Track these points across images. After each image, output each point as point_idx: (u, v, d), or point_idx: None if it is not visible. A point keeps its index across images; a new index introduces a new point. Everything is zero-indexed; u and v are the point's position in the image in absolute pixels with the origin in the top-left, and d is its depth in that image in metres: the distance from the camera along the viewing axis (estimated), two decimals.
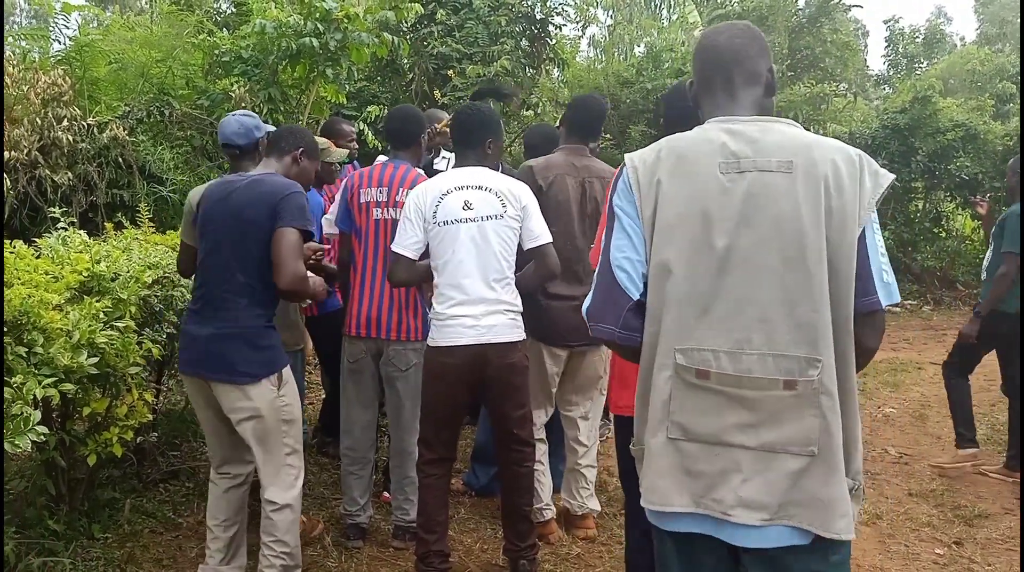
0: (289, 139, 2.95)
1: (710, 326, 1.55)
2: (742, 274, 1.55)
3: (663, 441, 1.59)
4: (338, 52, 5.37)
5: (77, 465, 3.24)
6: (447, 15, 8.52)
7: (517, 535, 3.06)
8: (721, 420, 1.55)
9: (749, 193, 1.55)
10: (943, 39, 24.36)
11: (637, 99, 10.80)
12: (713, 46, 1.73)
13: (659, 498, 1.59)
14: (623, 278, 1.65)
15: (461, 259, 2.86)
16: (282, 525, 2.76)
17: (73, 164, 5.32)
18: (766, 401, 1.52)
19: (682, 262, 1.58)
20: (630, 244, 1.66)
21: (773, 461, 1.52)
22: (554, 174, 3.32)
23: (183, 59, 6.23)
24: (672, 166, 1.63)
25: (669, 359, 1.59)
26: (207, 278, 2.75)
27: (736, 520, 1.53)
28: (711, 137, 1.63)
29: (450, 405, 2.97)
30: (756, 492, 1.52)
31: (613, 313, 1.65)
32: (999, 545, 3.47)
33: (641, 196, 1.65)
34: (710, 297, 1.56)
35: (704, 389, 1.56)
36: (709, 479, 1.55)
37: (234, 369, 2.68)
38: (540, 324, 3.33)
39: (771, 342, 1.52)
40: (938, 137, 10.34)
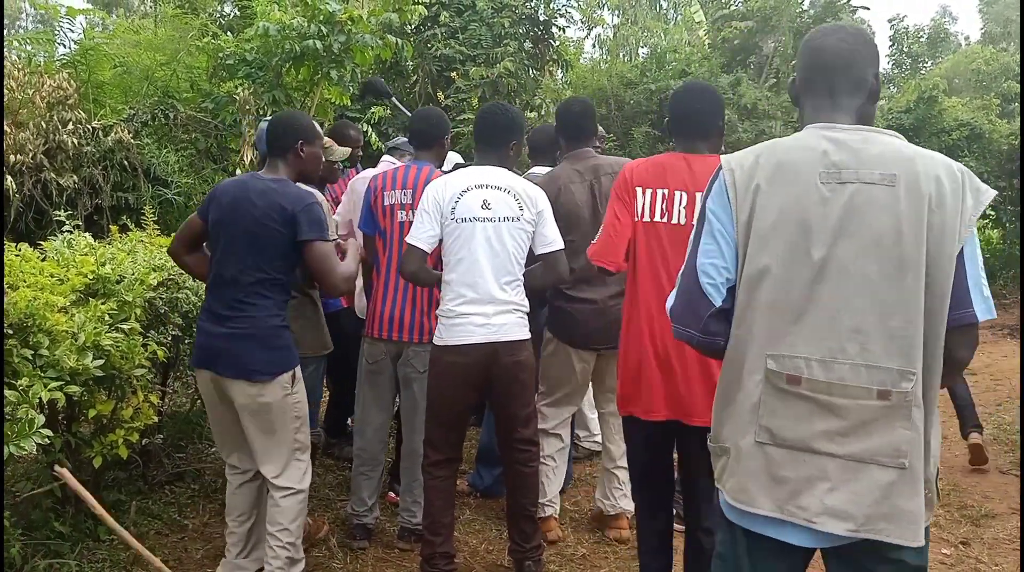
0: (286, 135, 2.88)
1: (803, 334, 1.57)
2: (838, 284, 1.56)
3: (751, 444, 1.62)
4: (342, 54, 5.37)
5: (83, 467, 3.25)
6: (451, 17, 8.53)
7: (522, 536, 3.05)
8: (810, 427, 1.56)
9: (850, 205, 1.56)
10: (947, 38, 24.29)
11: (641, 100, 10.80)
12: (820, 48, 1.72)
13: (747, 499, 1.61)
14: (707, 284, 1.67)
15: (476, 258, 2.86)
16: (289, 512, 2.79)
17: (78, 167, 5.34)
18: (857, 410, 1.53)
19: (777, 269, 1.59)
20: (718, 250, 1.67)
21: (861, 472, 1.53)
22: (558, 185, 3.31)
23: (187, 62, 6.25)
24: (771, 172, 1.63)
25: (760, 364, 1.60)
26: (222, 280, 2.76)
27: (821, 528, 1.54)
28: (812, 144, 1.63)
29: (458, 405, 2.96)
30: (843, 502, 1.53)
31: (694, 318, 1.69)
32: (1006, 545, 3.45)
33: (737, 201, 1.65)
34: (804, 305, 1.57)
35: (794, 395, 1.57)
36: (794, 485, 1.56)
37: (248, 367, 2.71)
38: (563, 326, 3.35)
39: (865, 353, 1.53)
40: (943, 137, 10.30)
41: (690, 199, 2.52)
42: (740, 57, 13.78)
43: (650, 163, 2.64)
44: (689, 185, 2.54)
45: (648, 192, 2.57)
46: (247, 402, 2.74)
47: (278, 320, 2.78)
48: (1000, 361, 6.91)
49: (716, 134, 2.62)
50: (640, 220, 2.59)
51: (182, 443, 4.35)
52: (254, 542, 2.97)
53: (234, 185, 2.84)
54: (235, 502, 2.97)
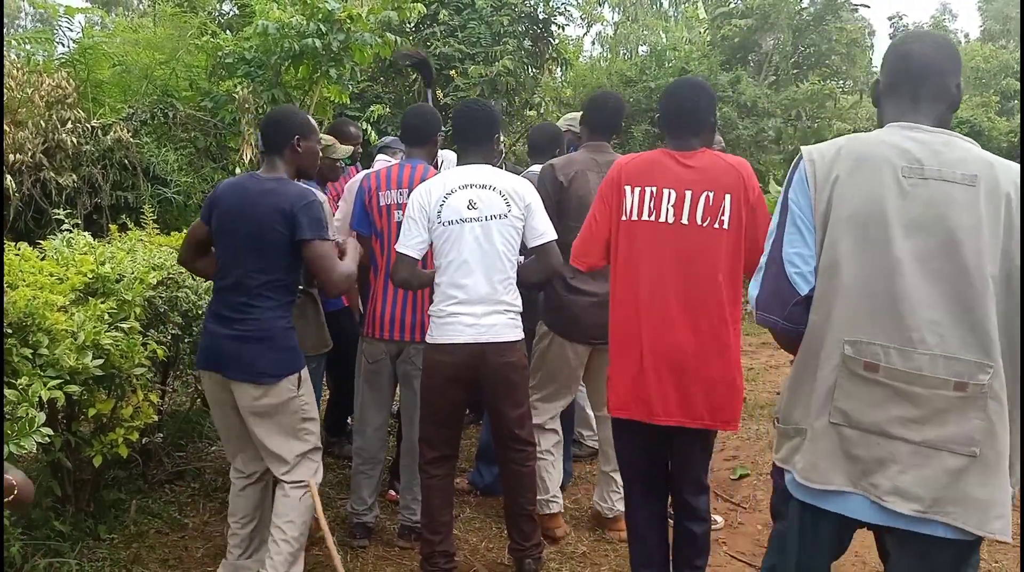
0: (281, 131, 2.82)
1: (881, 322, 1.62)
2: (917, 276, 1.61)
3: (825, 424, 1.69)
4: (341, 53, 5.37)
5: (83, 466, 3.25)
6: (450, 15, 8.53)
7: (521, 534, 3.05)
8: (885, 412, 1.63)
9: (931, 200, 1.62)
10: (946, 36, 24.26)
11: (640, 98, 10.81)
12: (907, 54, 1.77)
13: (819, 476, 1.68)
14: (793, 273, 1.73)
15: (465, 259, 2.84)
16: (297, 505, 2.79)
17: (77, 166, 5.34)
18: (933, 399, 1.59)
19: (856, 258, 1.65)
20: (802, 239, 1.73)
21: (932, 457, 1.60)
22: (575, 170, 3.30)
23: (186, 61, 6.24)
24: (852, 164, 1.69)
25: (837, 349, 1.67)
26: (227, 283, 2.76)
27: (890, 507, 1.61)
28: (896, 141, 1.68)
29: (448, 402, 2.96)
30: (912, 484, 1.60)
31: (780, 305, 1.75)
32: (1007, 543, 3.45)
33: (816, 190, 1.71)
34: (883, 295, 1.63)
35: (871, 381, 1.64)
36: (866, 464, 1.64)
37: (255, 370, 2.70)
38: (562, 319, 3.33)
39: (943, 344, 1.59)
40: None
41: (679, 197, 2.48)
42: (740, 55, 13.78)
43: (640, 160, 2.60)
44: (678, 183, 2.49)
45: (636, 190, 2.53)
46: (252, 404, 2.73)
47: (284, 321, 2.77)
48: None
49: (708, 130, 2.60)
50: (628, 219, 2.54)
51: (182, 442, 4.35)
52: (257, 544, 2.96)
53: (233, 187, 2.82)
54: (238, 504, 2.96)
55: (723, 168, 2.51)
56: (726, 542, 3.51)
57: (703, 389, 2.48)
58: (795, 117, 12.02)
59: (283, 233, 2.67)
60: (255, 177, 2.83)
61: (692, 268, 2.47)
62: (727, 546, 3.47)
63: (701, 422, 2.51)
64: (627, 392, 2.55)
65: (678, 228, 2.48)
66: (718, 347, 2.49)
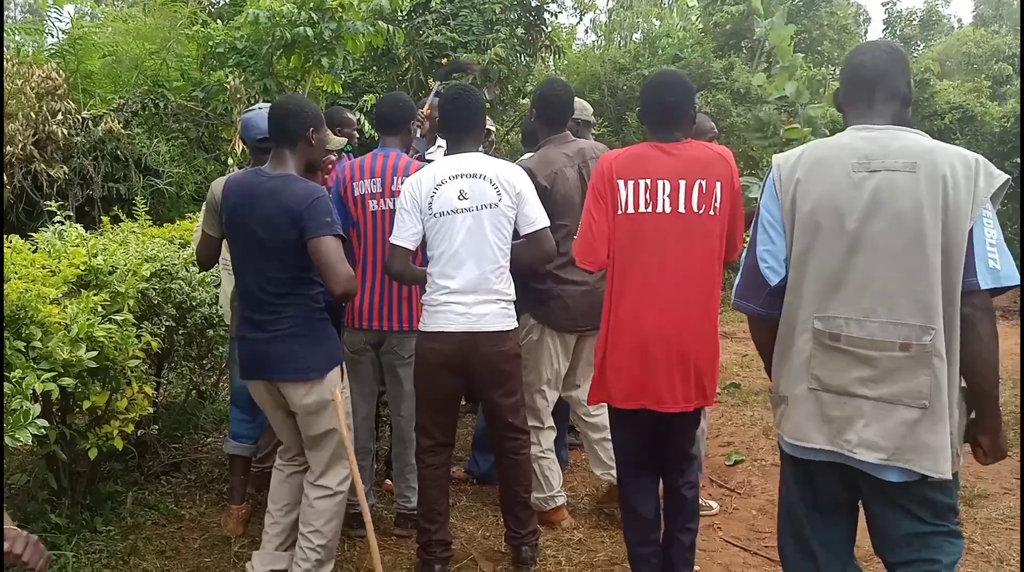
0: (295, 122, 2.70)
1: (842, 299, 1.91)
2: (869, 257, 1.88)
3: (805, 390, 1.99)
4: (333, 41, 5.34)
5: (78, 459, 3.25)
6: (442, 3, 8.48)
7: (517, 522, 3.07)
8: (848, 375, 1.92)
9: (878, 188, 1.87)
10: (939, 21, 24.26)
11: (634, 85, 10.78)
12: (859, 65, 2.03)
13: (802, 436, 2.00)
14: (765, 269, 2.04)
15: (457, 249, 2.84)
16: (324, 514, 2.79)
17: (68, 158, 5.32)
18: (885, 360, 1.87)
19: (818, 247, 1.94)
20: (769, 239, 2.04)
21: (890, 411, 1.87)
22: (554, 170, 3.29)
23: (177, 51, 6.21)
24: (810, 166, 1.98)
25: (808, 325, 1.97)
26: (250, 286, 2.71)
27: (859, 457, 1.90)
28: (847, 141, 1.96)
29: (441, 390, 2.96)
30: (875, 435, 1.88)
31: (756, 295, 2.07)
32: (999, 525, 3.48)
33: (782, 192, 2.01)
34: (842, 275, 1.91)
35: (836, 349, 1.93)
36: (840, 423, 1.93)
37: (299, 366, 2.67)
38: (550, 309, 3.33)
39: (892, 312, 1.86)
40: (935, 120, 10.32)
41: (673, 187, 2.51)
42: (732, 41, 13.74)
43: (628, 155, 2.62)
44: (671, 173, 2.53)
45: (630, 183, 2.55)
46: (304, 402, 2.70)
47: (318, 314, 2.73)
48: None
49: (687, 122, 2.65)
50: (624, 213, 2.56)
51: (178, 433, 4.35)
52: (294, 537, 2.90)
53: (239, 186, 2.73)
54: (282, 491, 2.93)
55: (712, 157, 2.57)
56: (721, 527, 3.53)
57: (701, 373, 2.56)
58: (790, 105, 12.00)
59: (292, 234, 2.59)
60: (260, 173, 2.72)
61: (692, 255, 2.53)
62: (722, 531, 3.49)
63: (699, 403, 2.60)
64: (635, 383, 2.56)
65: (676, 217, 2.52)
66: (712, 330, 2.59)
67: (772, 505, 3.74)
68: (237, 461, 3.46)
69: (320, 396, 2.70)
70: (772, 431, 4.82)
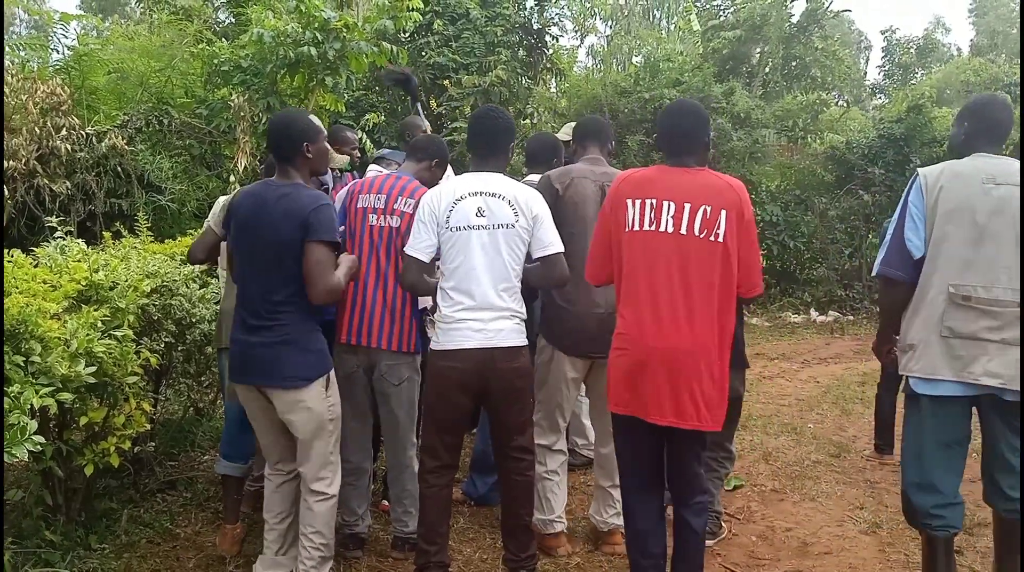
0: (289, 139, 2.82)
1: (973, 271, 2.65)
2: (994, 243, 2.64)
3: (938, 337, 2.68)
4: (337, 61, 5.38)
5: (74, 475, 3.22)
6: (444, 25, 8.56)
7: (517, 545, 3.04)
8: (977, 325, 2.65)
9: (1002, 197, 2.65)
10: (936, 49, 24.49)
11: (635, 108, 10.85)
12: (990, 111, 2.87)
13: (933, 371, 2.68)
14: (911, 246, 2.74)
15: (472, 266, 2.86)
16: (322, 516, 2.92)
17: (71, 173, 5.32)
18: (1006, 314, 2.63)
19: (956, 232, 2.67)
20: (915, 224, 2.74)
21: (1008, 350, 2.62)
22: (571, 178, 3.36)
23: (182, 68, 6.24)
24: (950, 178, 2.72)
25: (943, 289, 2.68)
26: (250, 291, 2.81)
27: (983, 382, 2.63)
28: (977, 164, 2.74)
29: (454, 410, 2.95)
30: (997, 367, 2.62)
31: (903, 264, 2.76)
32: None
33: (927, 194, 2.73)
34: (973, 255, 2.65)
35: (967, 307, 2.66)
36: (966, 361, 2.65)
37: (287, 374, 2.77)
38: (558, 332, 3.35)
39: (1011, 281, 2.62)
40: (934, 147, 10.38)
41: (678, 208, 2.59)
42: (730, 66, 13.87)
43: (640, 175, 2.74)
44: (678, 195, 2.61)
45: (637, 203, 2.66)
46: (289, 409, 2.80)
47: (311, 324, 2.83)
48: None
49: (702, 149, 2.77)
50: (630, 230, 2.66)
51: (174, 451, 4.33)
52: (291, 539, 3.04)
53: (250, 196, 2.85)
54: (275, 500, 3.03)
55: (721, 186, 2.65)
56: (720, 553, 3.50)
57: (695, 392, 2.57)
58: (790, 128, 12.09)
59: (298, 237, 2.71)
60: (270, 184, 2.87)
61: (689, 276, 2.59)
62: (721, 557, 3.46)
63: (691, 423, 2.60)
64: (625, 390, 2.66)
65: (676, 237, 2.60)
66: (710, 352, 2.60)
67: (772, 532, 3.72)
68: (230, 481, 3.43)
69: (307, 404, 2.80)
70: (772, 456, 4.81)
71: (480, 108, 3.26)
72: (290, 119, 2.93)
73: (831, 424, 5.50)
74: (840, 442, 5.02)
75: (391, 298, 3.21)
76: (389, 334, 3.21)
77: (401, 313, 3.22)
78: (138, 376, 3.03)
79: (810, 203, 11.26)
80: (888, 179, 10.29)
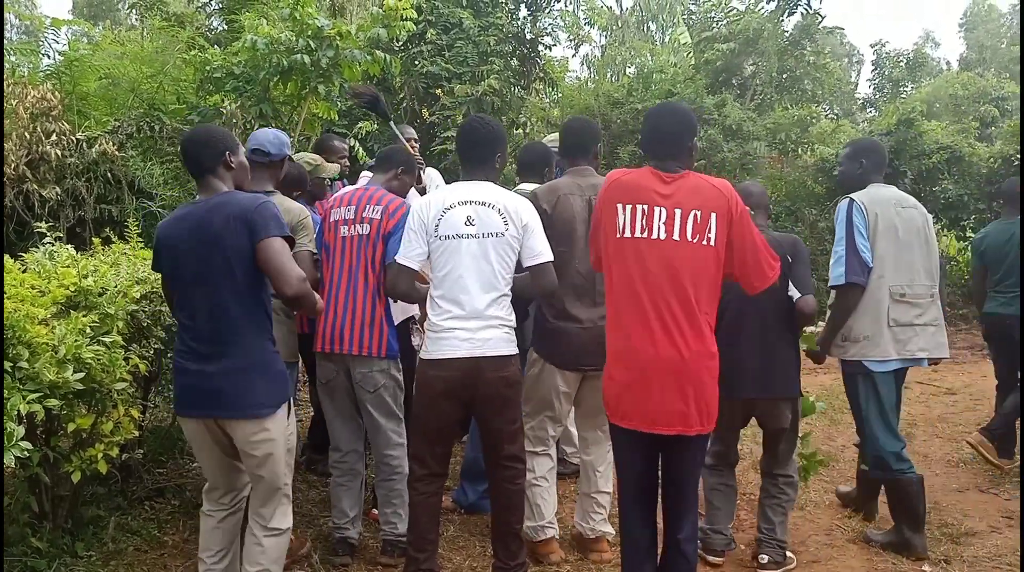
0: (210, 150, 2.69)
1: (902, 274, 3.52)
2: (910, 251, 3.53)
3: (886, 328, 3.48)
4: (330, 69, 5.38)
5: (61, 482, 3.20)
6: (437, 34, 8.57)
7: (507, 553, 3.04)
8: (910, 315, 3.51)
9: (910, 217, 3.58)
10: (926, 63, 24.69)
11: (627, 119, 10.88)
12: (880, 149, 3.84)
13: (885, 355, 3.49)
14: (866, 257, 3.47)
15: (460, 274, 2.86)
16: (273, 551, 2.72)
17: (61, 179, 5.29)
18: (923, 303, 3.55)
19: (889, 246, 3.50)
20: (864, 238, 3.48)
21: (927, 329, 3.55)
22: (558, 195, 3.34)
23: (174, 75, 6.22)
24: (876, 203, 3.54)
25: (886, 290, 3.49)
26: (199, 313, 2.60)
27: (918, 357, 3.54)
28: (884, 193, 3.63)
29: (442, 419, 2.95)
30: (924, 344, 3.54)
31: (863, 273, 3.47)
32: (986, 563, 3.47)
33: (868, 216, 3.51)
34: (901, 262, 3.51)
35: (903, 302, 3.51)
36: (904, 342, 3.51)
37: (252, 402, 2.58)
38: (550, 346, 3.34)
39: (923, 278, 3.56)
40: (923, 159, 10.44)
41: (669, 215, 2.58)
42: (723, 78, 13.94)
43: (630, 178, 2.70)
44: (668, 201, 2.60)
45: (628, 208, 2.62)
46: (252, 440, 2.59)
47: (271, 345, 2.66)
48: (980, 381, 6.98)
49: (687, 153, 2.71)
50: (621, 236, 2.63)
51: (163, 458, 4.30)
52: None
53: (178, 220, 2.69)
54: (215, 538, 2.82)
55: (709, 189, 2.64)
56: None
57: (697, 397, 2.58)
58: (779, 141, 12.15)
59: (244, 241, 2.53)
60: (197, 202, 2.69)
61: (683, 282, 2.58)
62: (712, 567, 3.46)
63: (695, 429, 2.60)
64: (627, 402, 2.62)
65: (670, 244, 2.59)
66: (708, 357, 2.61)
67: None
68: None
69: (269, 434, 2.60)
70: None
71: (468, 118, 3.27)
72: (209, 130, 2.83)
73: (820, 433, 5.52)
74: (828, 452, 5.03)
75: (361, 304, 3.25)
76: (360, 340, 3.24)
77: (371, 318, 3.25)
78: (127, 382, 3.01)
79: (800, 214, 11.30)
80: None
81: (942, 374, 7.27)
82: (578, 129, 3.58)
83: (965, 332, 9.68)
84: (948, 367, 7.60)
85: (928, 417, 5.79)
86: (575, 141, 3.52)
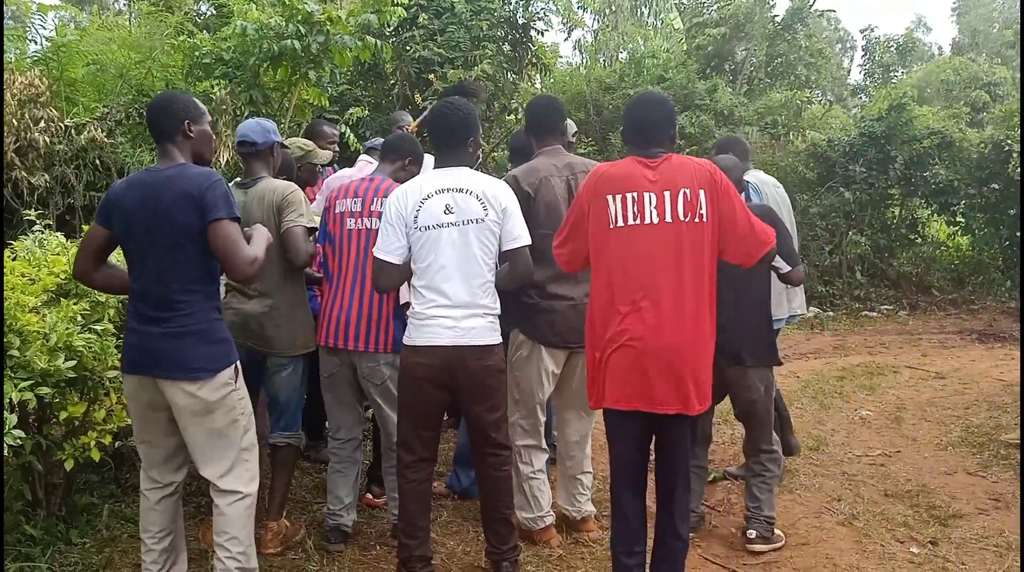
0: (169, 116, 2.68)
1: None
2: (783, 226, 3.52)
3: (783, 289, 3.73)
4: (320, 55, 5.35)
5: (54, 470, 3.21)
6: (429, 19, 8.51)
7: (498, 538, 3.06)
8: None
9: (783, 195, 3.98)
10: (916, 48, 24.70)
11: (619, 105, 10.86)
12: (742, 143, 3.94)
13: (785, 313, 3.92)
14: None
15: (443, 264, 2.85)
16: (237, 519, 2.65)
17: (50, 166, 5.26)
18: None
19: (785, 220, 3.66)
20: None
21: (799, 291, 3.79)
22: (539, 178, 3.32)
23: (163, 61, 6.17)
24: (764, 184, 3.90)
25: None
26: (147, 282, 2.61)
27: (798, 314, 4.00)
28: (762, 177, 3.73)
29: (426, 404, 2.95)
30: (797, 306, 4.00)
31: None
32: (973, 544, 3.52)
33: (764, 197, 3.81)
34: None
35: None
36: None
37: (190, 365, 2.56)
38: (537, 325, 3.33)
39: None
40: (914, 145, 10.46)
41: (659, 198, 2.62)
42: (714, 63, 13.92)
43: (616, 169, 2.72)
44: (656, 185, 2.63)
45: (618, 198, 2.64)
46: (188, 403, 2.58)
47: (214, 313, 2.65)
48: (968, 365, 7.04)
49: (668, 141, 2.74)
50: (614, 226, 2.64)
51: None
52: (174, 557, 2.82)
53: (133, 185, 2.65)
54: (154, 518, 2.75)
55: (693, 167, 2.67)
56: (700, 544, 3.53)
57: (698, 380, 2.62)
58: (770, 125, 12.17)
59: (194, 219, 2.53)
60: (152, 170, 2.67)
61: (682, 263, 2.60)
62: (701, 548, 3.50)
63: (693, 410, 2.63)
64: (629, 384, 2.63)
65: (664, 227, 2.61)
66: (707, 336, 2.65)
67: None
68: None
69: (209, 396, 2.58)
70: None
71: (439, 103, 3.19)
72: (171, 96, 2.81)
73: (810, 418, 5.56)
74: (818, 436, 5.08)
75: (368, 300, 3.23)
76: (367, 336, 3.23)
77: (379, 314, 3.23)
78: (118, 370, 3.00)
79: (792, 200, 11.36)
80: (870, 177, 10.36)
81: (931, 358, 7.32)
82: (544, 107, 3.52)
83: (955, 317, 9.75)
84: (937, 351, 7.66)
85: (917, 401, 5.84)
86: (542, 120, 3.47)
